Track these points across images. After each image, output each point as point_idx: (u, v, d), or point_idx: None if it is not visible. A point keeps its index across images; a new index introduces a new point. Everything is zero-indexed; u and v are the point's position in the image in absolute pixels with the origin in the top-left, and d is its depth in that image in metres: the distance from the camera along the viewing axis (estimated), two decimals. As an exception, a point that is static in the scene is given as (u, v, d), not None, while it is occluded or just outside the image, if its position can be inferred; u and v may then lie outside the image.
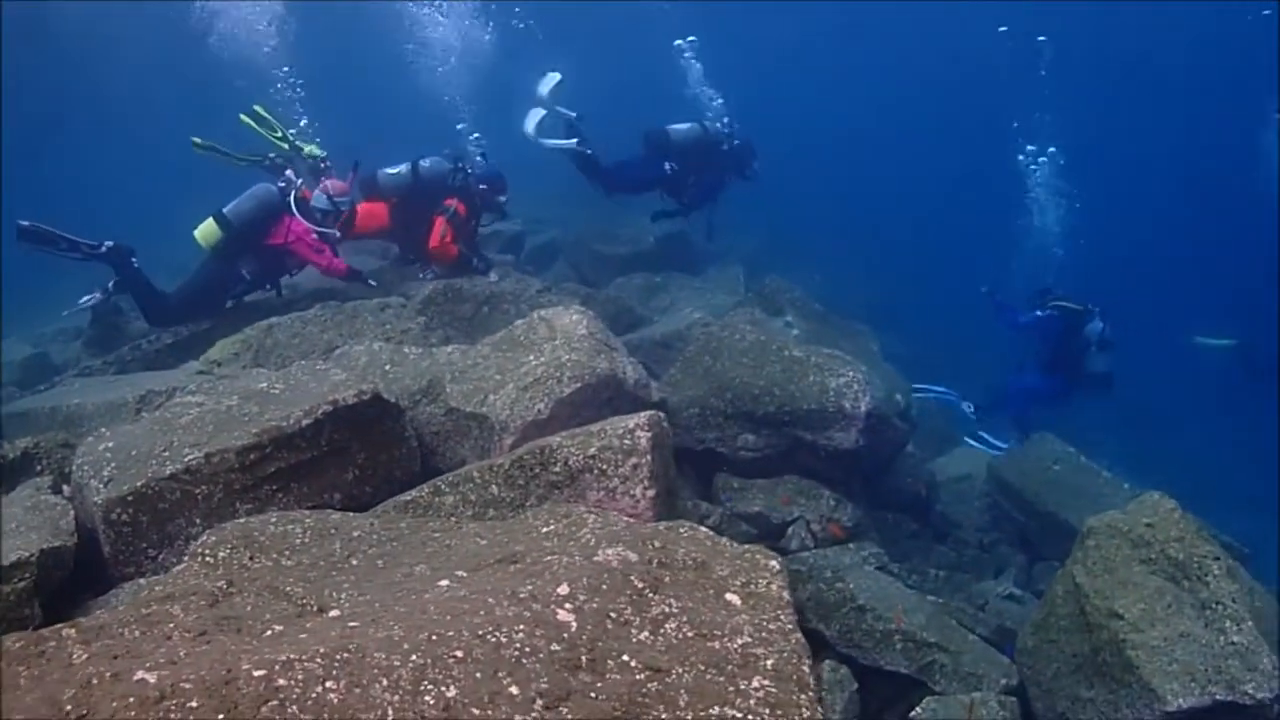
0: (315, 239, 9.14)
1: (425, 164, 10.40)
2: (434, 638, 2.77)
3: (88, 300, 9.06)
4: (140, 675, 2.61)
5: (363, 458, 5.16)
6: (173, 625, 3.09)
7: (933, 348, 18.86)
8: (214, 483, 4.67)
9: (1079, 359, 11.07)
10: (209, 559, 3.75)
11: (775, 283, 11.15)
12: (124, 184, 28.52)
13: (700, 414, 7.30)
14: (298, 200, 9.07)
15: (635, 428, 4.63)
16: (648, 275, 11.87)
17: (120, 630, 3.05)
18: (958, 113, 38.28)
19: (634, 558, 3.33)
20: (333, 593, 3.42)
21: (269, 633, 3.06)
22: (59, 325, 11.35)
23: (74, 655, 2.81)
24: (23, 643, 2.85)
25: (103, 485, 4.56)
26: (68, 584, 4.34)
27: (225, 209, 8.96)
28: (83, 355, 9.42)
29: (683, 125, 12.15)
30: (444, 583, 3.35)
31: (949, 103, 40.65)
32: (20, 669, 2.71)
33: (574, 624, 2.91)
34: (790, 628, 3.18)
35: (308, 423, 4.87)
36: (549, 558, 3.41)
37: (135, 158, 30.22)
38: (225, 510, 4.66)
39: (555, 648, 2.79)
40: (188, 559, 3.80)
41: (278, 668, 2.60)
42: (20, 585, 3.88)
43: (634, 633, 2.96)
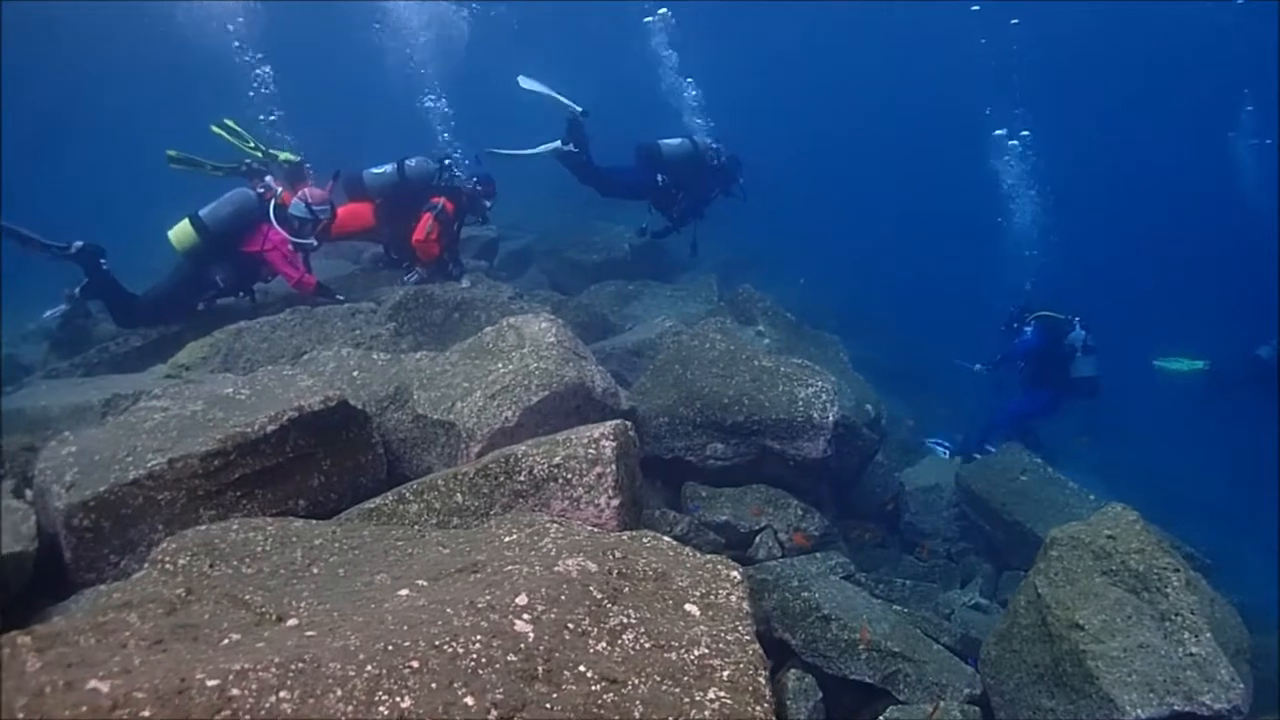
0: (291, 251, 9.11)
1: (411, 163, 10.45)
2: (390, 648, 2.77)
3: (54, 313, 9.02)
4: (93, 684, 2.59)
5: (328, 464, 5.14)
6: (129, 634, 3.07)
7: (908, 357, 18.99)
8: (177, 489, 4.64)
9: (1064, 367, 11.22)
10: (168, 566, 3.72)
11: (747, 292, 11.19)
12: (96, 184, 28.35)
13: (670, 423, 7.31)
14: (277, 208, 9.03)
15: (600, 437, 4.63)
16: (621, 283, 11.89)
17: (76, 638, 3.02)
18: (931, 118, 38.53)
19: (594, 568, 3.34)
20: (292, 601, 3.41)
21: (226, 641, 3.04)
22: (37, 325, 11.25)
23: (28, 663, 2.78)
24: (-24, 650, 2.83)
25: (65, 490, 4.53)
26: (28, 590, 4.31)
27: (202, 212, 8.90)
28: (50, 357, 9.35)
29: (674, 140, 12.24)
30: (404, 592, 3.34)
31: (922, 107, 40.92)
32: (-28, 677, 2.69)
33: (531, 634, 2.91)
34: (748, 639, 3.19)
35: (273, 429, 4.85)
36: (510, 567, 3.41)
37: (106, 157, 30.03)
38: (188, 516, 4.63)
39: (512, 658, 2.79)
40: (147, 566, 3.77)
41: (232, 677, 2.58)
42: (-21, 591, 3.85)
43: (591, 643, 2.96)
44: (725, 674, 2.93)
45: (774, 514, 7.13)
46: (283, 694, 2.55)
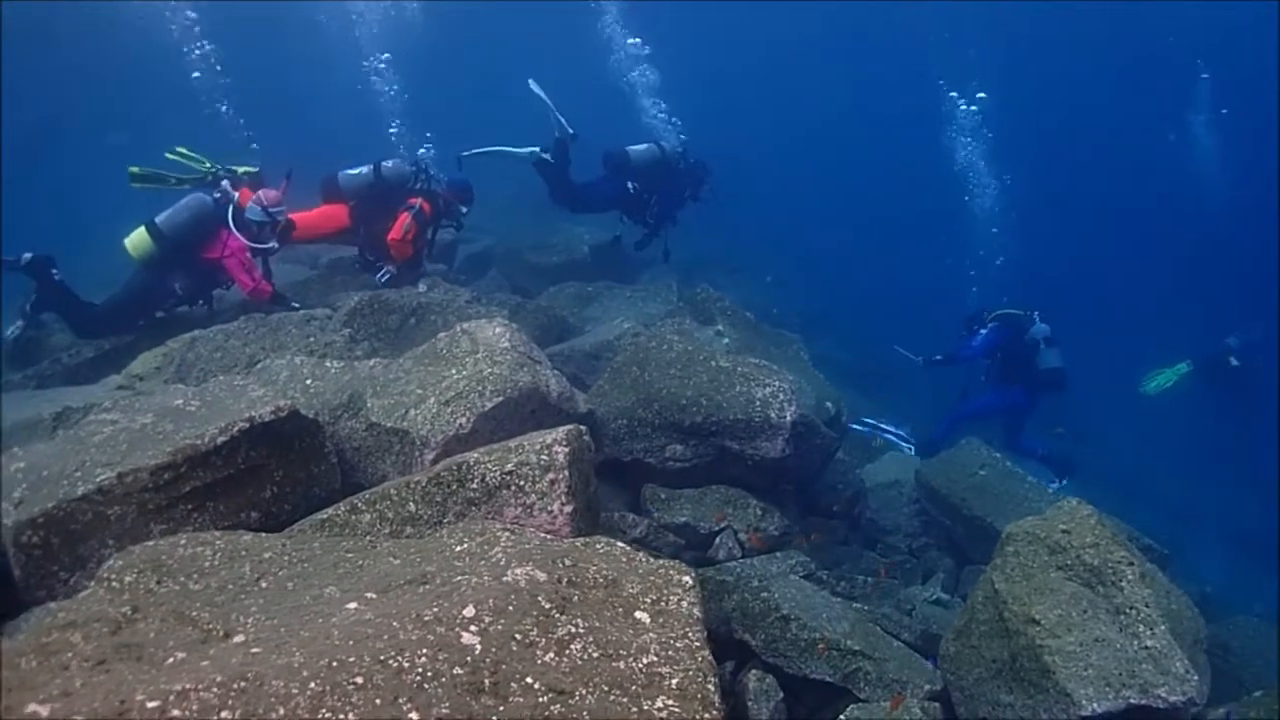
0: (249, 257, 9.04)
1: (388, 165, 10.47)
2: (335, 664, 2.74)
3: (12, 331, 8.91)
4: (33, 708, 2.56)
5: (281, 475, 5.09)
6: (71, 655, 3.03)
7: (871, 354, 19.09)
8: (127, 503, 4.58)
9: (1029, 362, 11.31)
10: (114, 584, 3.67)
11: (706, 292, 11.20)
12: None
13: (628, 425, 7.30)
14: (235, 213, 8.94)
15: (553, 443, 4.61)
16: (580, 284, 11.87)
17: (17, 660, 2.98)
18: (891, 111, 38.72)
19: (542, 577, 3.32)
20: (240, 617, 3.37)
21: (170, 660, 3.01)
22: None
23: (-34, 687, 2.74)
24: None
25: (13, 507, 4.47)
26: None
27: (158, 219, 8.80)
28: (3, 369, 9.23)
29: (640, 146, 12.31)
30: (352, 605, 3.31)
31: (882, 101, 41.11)
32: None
33: (478, 647, 2.89)
34: (698, 645, 3.18)
35: (223, 440, 4.79)
36: (459, 578, 3.39)
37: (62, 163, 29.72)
38: (139, 531, 4.57)
39: (458, 671, 2.77)
40: (93, 584, 3.72)
41: (173, 698, 2.56)
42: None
43: (539, 654, 2.94)
44: (674, 682, 2.93)
45: (734, 514, 7.14)
46: (224, 714, 2.53)
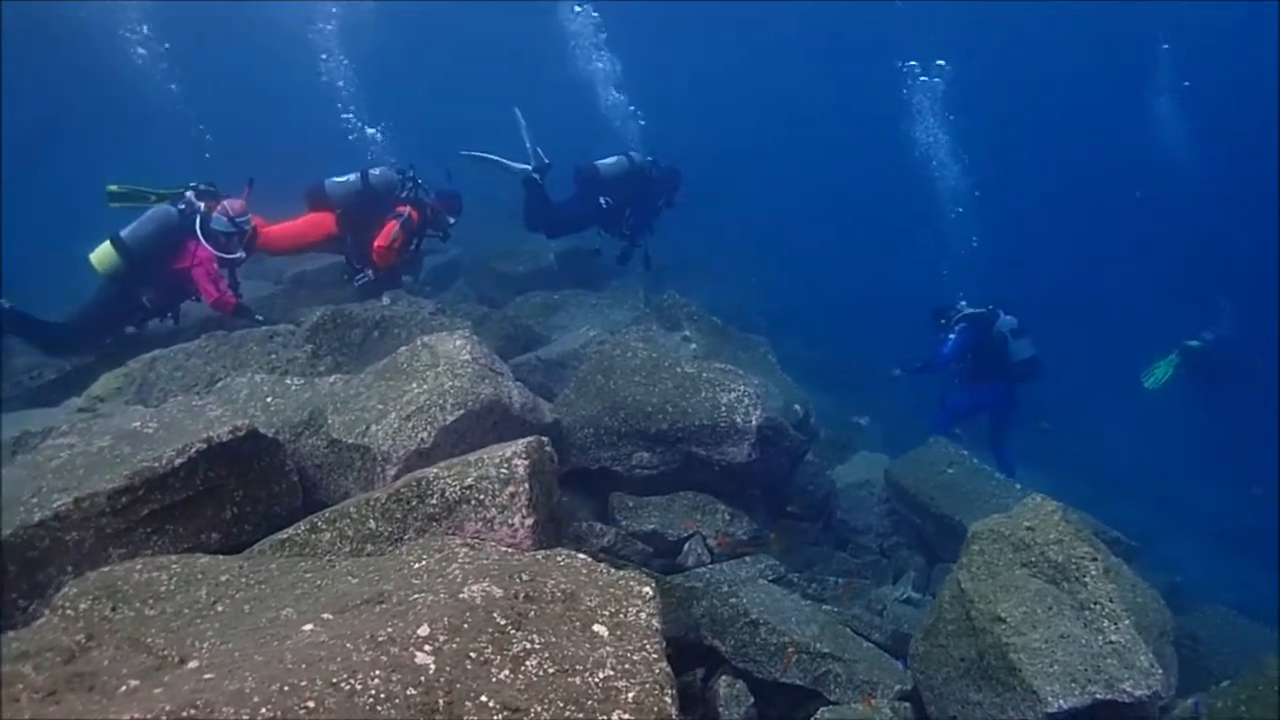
0: (215, 268, 8.96)
1: (375, 173, 10.43)
2: (286, 688, 2.71)
3: None
4: (-23, 744, 2.52)
5: (241, 495, 5.04)
6: (22, 686, 2.99)
7: (843, 355, 19.18)
8: (85, 528, 4.52)
9: (1001, 357, 11.37)
10: (69, 612, 3.62)
11: (672, 298, 11.20)
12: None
13: (595, 433, 7.29)
14: (203, 223, 8.85)
15: (512, 456, 4.59)
16: (546, 293, 11.85)
17: (-33, 693, 2.95)
18: (859, 114, 38.81)
19: (499, 593, 3.30)
20: (195, 642, 3.34)
21: (123, 689, 2.97)
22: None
23: (-86, 725, 2.71)
24: None
25: (-33, 536, 4.42)
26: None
27: (123, 233, 8.71)
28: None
29: (610, 159, 12.30)
30: (308, 627, 3.28)
31: (840, 106, 41.23)
32: None
33: (432, 666, 2.87)
34: (655, 658, 3.17)
35: (181, 462, 4.74)
36: (416, 596, 3.36)
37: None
38: (98, 556, 4.52)
39: (411, 692, 2.74)
40: (47, 613, 3.67)
41: (120, 729, 2.53)
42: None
43: (494, 672, 2.92)
44: (630, 695, 2.91)
45: (702, 520, 7.13)
46: (172, 744, 2.49)
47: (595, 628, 3.29)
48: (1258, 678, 5.36)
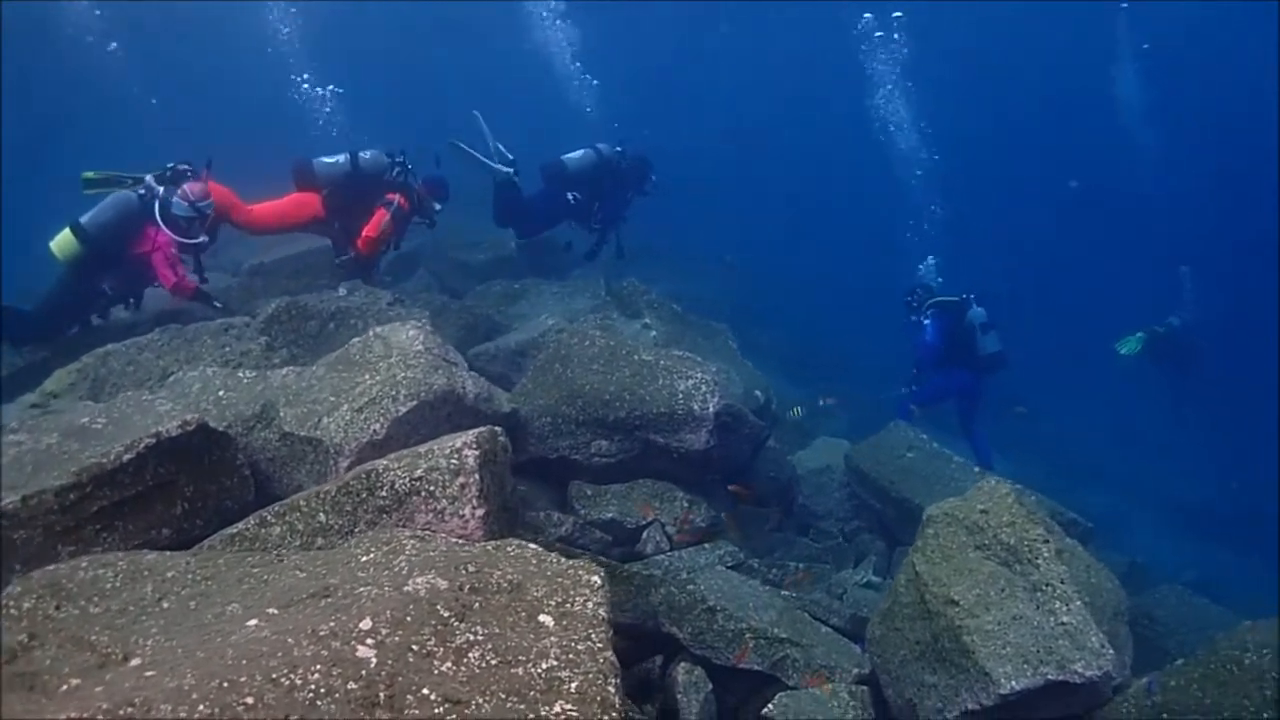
0: (175, 252, 8.82)
1: (365, 156, 10.31)
2: (225, 684, 2.69)
3: None
4: (-88, 747, 2.49)
5: (191, 491, 5.00)
6: (-40, 688, 2.96)
7: (809, 342, 19.25)
8: (33, 526, 4.46)
9: (969, 347, 11.45)
10: (13, 611, 3.57)
11: (632, 285, 11.18)
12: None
13: (553, 422, 7.27)
14: (162, 208, 8.72)
15: (462, 446, 4.57)
16: (507, 282, 11.78)
17: (-92, 697, 2.91)
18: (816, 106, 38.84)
19: (443, 585, 3.28)
20: (139, 639, 3.30)
21: (64, 688, 2.94)
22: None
23: None
24: None
25: (-85, 536, 4.36)
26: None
27: (83, 219, 8.57)
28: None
29: (576, 154, 12.24)
30: (253, 622, 3.26)
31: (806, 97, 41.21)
32: None
33: (374, 660, 2.85)
34: (600, 647, 3.16)
35: (129, 458, 4.69)
36: (361, 589, 3.34)
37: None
38: (47, 554, 4.47)
39: (352, 686, 2.73)
40: (-11, 613, 3.63)
41: (56, 729, 2.50)
42: None
43: (436, 664, 2.91)
44: (573, 685, 2.91)
45: (661, 507, 7.14)
46: (108, 743, 2.47)
47: (541, 618, 3.28)
48: (1210, 656, 5.40)
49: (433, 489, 4.45)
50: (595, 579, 3.64)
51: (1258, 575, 15.21)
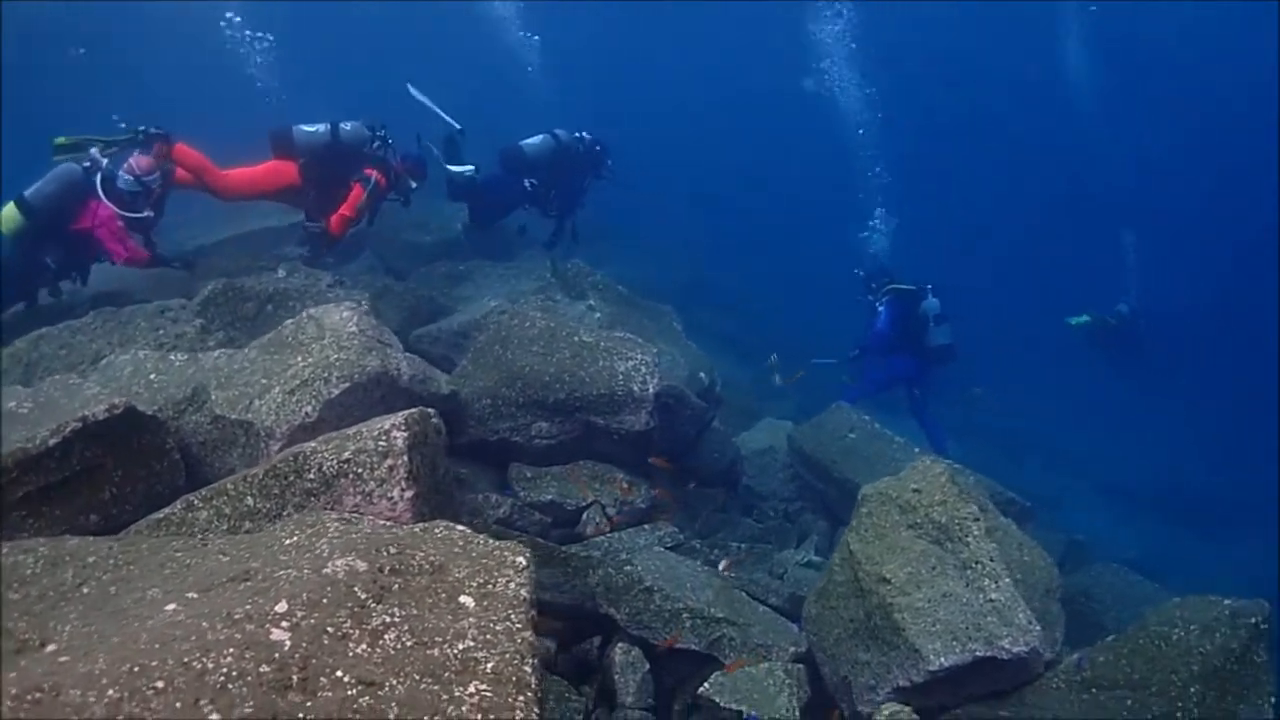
0: (120, 226, 8.63)
1: (346, 127, 10.14)
2: (136, 669, 2.67)
3: None
4: None
5: (119, 475, 4.93)
6: None
7: (758, 324, 19.29)
8: (-45, 512, 4.42)
9: (920, 337, 11.55)
10: (-71, 598, 3.54)
11: (577, 267, 11.16)
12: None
13: (493, 404, 7.25)
14: (104, 181, 8.54)
15: (391, 428, 4.55)
16: (452, 264, 11.68)
17: None
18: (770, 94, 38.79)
19: (363, 567, 3.27)
20: (57, 625, 3.27)
21: (-25, 674, 2.91)
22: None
23: None
24: None
25: None
26: None
27: (27, 192, 8.36)
28: None
29: (535, 139, 12.14)
30: (171, 606, 3.23)
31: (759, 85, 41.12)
32: None
33: (288, 642, 2.83)
34: (519, 627, 3.16)
35: (55, 442, 4.61)
36: (280, 573, 3.32)
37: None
38: (-30, 540, 4.42)
39: (265, 669, 2.71)
40: (-96, 602, 3.58)
41: (-42, 716, 2.47)
42: None
43: (351, 647, 2.90)
44: (489, 666, 2.91)
45: (601, 489, 7.15)
46: (13, 728, 2.45)
47: (462, 599, 3.28)
48: (1140, 632, 5.51)
49: (361, 471, 4.43)
50: (520, 560, 3.64)
51: (1196, 554, 15.54)
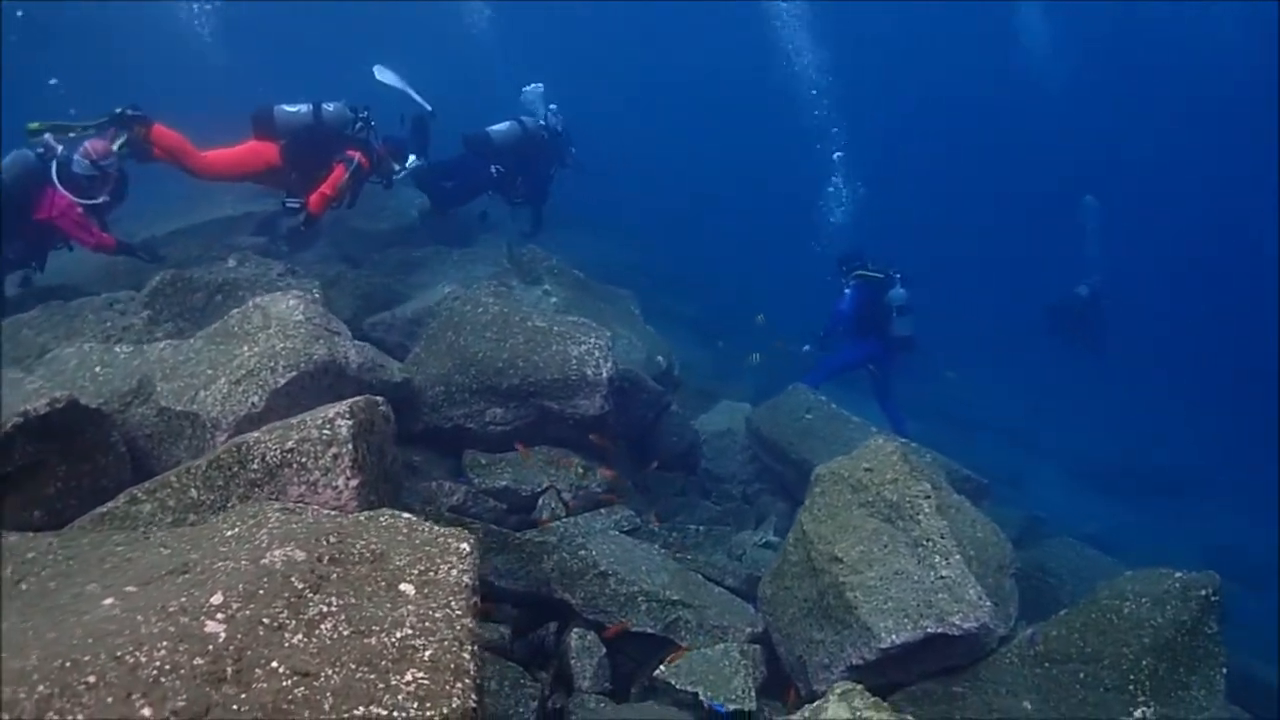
0: (80, 214, 8.45)
1: (329, 108, 10.00)
2: (68, 664, 2.63)
3: None
4: None
5: (64, 470, 4.86)
6: None
7: (719, 308, 19.32)
8: (-106, 511, 4.35)
9: (882, 325, 11.61)
10: None
11: (532, 252, 11.13)
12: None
13: (446, 391, 7.22)
14: (60, 169, 8.33)
15: (335, 416, 4.50)
16: (407, 250, 11.61)
17: None
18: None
19: (301, 557, 3.24)
20: (-8, 622, 3.24)
21: (-93, 674, 2.87)
22: None
23: None
24: None
25: None
26: None
27: None
28: None
29: (501, 125, 12.06)
30: (108, 601, 3.19)
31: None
32: None
33: (223, 634, 2.81)
34: (459, 614, 3.14)
35: (-5, 438, 4.57)
36: (219, 564, 3.29)
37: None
38: (-90, 540, 4.35)
39: (199, 662, 2.68)
40: None
41: (-118, 717, 2.43)
42: None
43: (287, 637, 2.87)
44: (427, 654, 2.89)
45: (556, 474, 7.14)
46: (-64, 728, 2.41)
47: (402, 586, 3.26)
48: (1091, 605, 5.56)
49: (305, 460, 4.38)
50: (464, 546, 3.62)
51: (1154, 528, 15.76)
